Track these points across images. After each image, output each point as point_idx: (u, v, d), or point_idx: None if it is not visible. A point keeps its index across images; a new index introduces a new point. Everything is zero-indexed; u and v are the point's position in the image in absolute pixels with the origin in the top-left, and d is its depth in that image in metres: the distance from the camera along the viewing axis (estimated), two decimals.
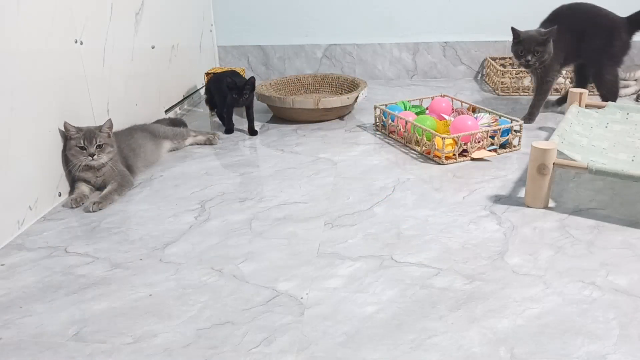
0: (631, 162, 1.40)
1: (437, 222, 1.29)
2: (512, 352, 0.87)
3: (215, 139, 1.88)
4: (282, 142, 1.87)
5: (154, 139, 1.73)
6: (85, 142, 1.42)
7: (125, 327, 0.97)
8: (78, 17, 1.53)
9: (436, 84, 2.59)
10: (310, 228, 1.29)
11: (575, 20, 1.83)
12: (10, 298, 1.06)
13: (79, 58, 1.54)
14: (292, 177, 1.58)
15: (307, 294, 1.04)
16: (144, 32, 1.92)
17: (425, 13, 2.60)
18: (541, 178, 1.31)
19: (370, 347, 0.90)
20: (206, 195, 1.48)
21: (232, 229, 1.30)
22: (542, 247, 1.17)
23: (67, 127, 1.42)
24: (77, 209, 1.42)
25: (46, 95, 1.40)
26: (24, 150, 1.32)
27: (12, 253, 1.22)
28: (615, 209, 1.33)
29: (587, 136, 1.57)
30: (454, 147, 1.63)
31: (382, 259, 1.15)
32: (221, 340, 0.92)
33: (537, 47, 1.76)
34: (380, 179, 1.55)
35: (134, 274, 1.12)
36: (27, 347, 0.92)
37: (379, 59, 2.68)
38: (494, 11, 2.55)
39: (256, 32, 2.70)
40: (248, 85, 1.89)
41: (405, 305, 1.00)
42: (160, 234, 1.28)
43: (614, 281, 1.05)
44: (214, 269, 1.14)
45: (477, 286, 1.04)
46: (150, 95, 1.99)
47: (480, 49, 2.62)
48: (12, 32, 1.27)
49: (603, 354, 0.86)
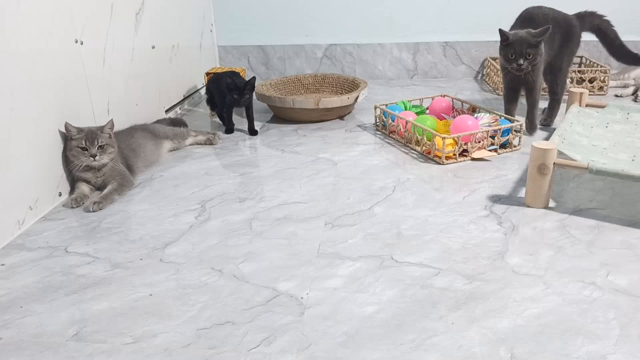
0: (631, 162, 1.40)
1: (437, 222, 1.29)
2: (512, 352, 0.87)
3: (215, 139, 1.88)
4: (282, 142, 1.87)
5: (154, 138, 1.73)
6: (86, 142, 1.42)
7: (125, 327, 0.97)
8: (78, 17, 1.53)
9: (436, 83, 2.59)
10: (310, 228, 1.29)
11: (545, 23, 1.78)
12: (11, 298, 1.06)
13: (79, 58, 1.54)
14: (292, 177, 1.58)
15: (307, 294, 1.04)
16: (144, 32, 1.92)
17: (425, 13, 2.60)
18: (541, 178, 1.31)
19: (370, 347, 0.90)
20: (206, 195, 1.48)
21: (232, 229, 1.30)
22: (542, 247, 1.17)
23: (68, 127, 1.42)
24: (78, 209, 1.42)
25: (46, 95, 1.40)
26: (24, 150, 1.32)
27: (13, 253, 1.22)
28: (616, 209, 1.33)
29: (587, 136, 1.57)
30: (454, 147, 1.63)
31: (382, 259, 1.15)
32: (221, 340, 0.92)
33: (529, 49, 1.67)
34: (381, 179, 1.55)
35: (134, 274, 1.12)
36: (27, 347, 0.92)
37: (379, 59, 2.68)
38: (494, 11, 2.55)
39: (256, 32, 2.70)
40: (248, 85, 1.89)
41: (405, 305, 1.00)
42: (160, 234, 1.28)
43: (614, 281, 1.05)
44: (214, 269, 1.14)
45: (477, 286, 1.04)
46: (150, 95, 1.99)
47: (481, 49, 2.62)
48: (12, 32, 1.27)
49: (603, 354, 0.86)
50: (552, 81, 1.90)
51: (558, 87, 1.90)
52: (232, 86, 1.87)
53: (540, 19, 1.79)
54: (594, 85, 2.30)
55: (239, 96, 1.88)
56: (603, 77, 2.29)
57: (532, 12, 1.83)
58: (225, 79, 1.90)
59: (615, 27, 1.92)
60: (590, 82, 2.31)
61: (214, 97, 2.09)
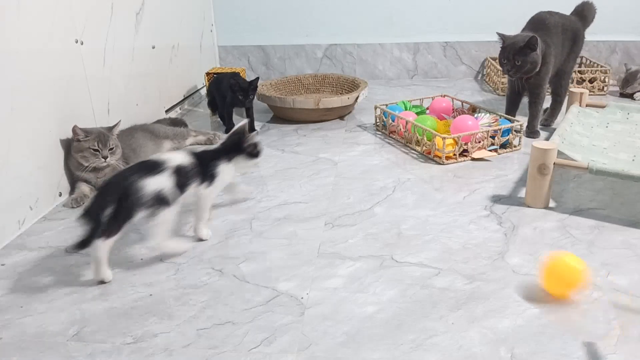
0: (632, 162, 1.39)
1: (437, 222, 1.29)
2: (512, 352, 0.87)
3: (215, 138, 1.88)
4: (283, 142, 1.87)
5: (154, 138, 1.73)
6: (99, 144, 1.43)
7: (126, 327, 0.97)
8: (78, 17, 1.53)
9: (437, 83, 2.59)
10: (310, 228, 1.29)
11: (556, 29, 1.78)
12: (11, 298, 1.06)
13: (79, 58, 1.54)
14: (292, 177, 1.58)
15: (307, 294, 1.04)
16: (144, 32, 1.92)
17: (425, 13, 2.60)
18: (542, 178, 1.31)
19: (371, 347, 0.90)
20: None
21: (233, 228, 1.30)
22: (543, 247, 1.17)
23: (75, 130, 1.41)
24: (78, 209, 1.42)
25: (46, 95, 1.40)
26: (24, 150, 1.32)
27: (13, 253, 1.22)
28: (616, 209, 1.33)
29: (587, 136, 1.57)
30: (455, 147, 1.63)
31: (382, 259, 1.15)
32: (221, 340, 0.92)
33: (517, 56, 1.62)
34: (381, 179, 1.55)
35: (134, 274, 1.12)
36: (27, 347, 0.92)
37: (380, 59, 2.68)
38: (494, 11, 2.55)
39: (256, 32, 2.69)
40: (252, 86, 1.90)
41: (405, 305, 1.00)
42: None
43: (614, 281, 1.05)
44: (214, 268, 1.14)
45: (477, 286, 1.04)
46: (150, 95, 1.99)
47: (481, 49, 2.62)
48: (12, 32, 1.27)
49: (603, 354, 0.86)
50: (556, 83, 1.90)
51: (562, 89, 1.90)
52: (236, 87, 1.87)
53: (551, 24, 1.77)
54: (594, 85, 2.30)
55: (244, 97, 1.89)
56: (603, 77, 2.29)
57: (543, 18, 1.80)
58: (229, 80, 1.90)
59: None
60: (590, 82, 2.31)
61: (214, 98, 2.10)
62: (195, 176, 1.17)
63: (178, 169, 1.13)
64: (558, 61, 1.80)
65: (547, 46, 1.71)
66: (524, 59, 1.64)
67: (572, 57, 1.87)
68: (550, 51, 1.72)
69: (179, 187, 1.12)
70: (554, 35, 1.75)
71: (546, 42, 1.71)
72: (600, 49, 2.53)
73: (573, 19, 1.85)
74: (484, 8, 2.56)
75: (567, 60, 1.86)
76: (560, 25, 1.78)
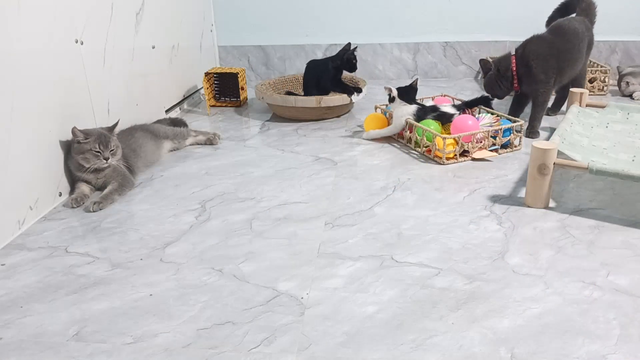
0: (631, 162, 1.39)
1: (437, 222, 1.29)
2: (512, 352, 0.87)
3: (215, 138, 1.88)
4: (283, 142, 1.87)
5: (154, 138, 1.73)
6: (100, 146, 1.43)
7: (126, 327, 0.97)
8: (78, 17, 1.53)
9: (437, 83, 2.59)
10: (310, 228, 1.29)
11: (575, 37, 1.81)
12: (11, 298, 1.06)
13: (79, 58, 1.54)
14: (292, 177, 1.58)
15: (307, 294, 1.04)
16: (144, 32, 1.92)
17: (425, 13, 2.60)
18: (542, 178, 1.31)
19: (371, 347, 0.90)
20: (206, 195, 1.48)
21: (233, 229, 1.30)
22: (543, 247, 1.17)
23: (75, 132, 1.41)
24: (78, 209, 1.42)
25: (46, 95, 1.40)
26: (24, 150, 1.32)
27: (13, 253, 1.22)
28: (616, 209, 1.33)
29: (587, 136, 1.57)
30: (455, 147, 1.63)
31: (382, 259, 1.15)
32: (221, 340, 0.92)
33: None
34: (381, 178, 1.55)
35: (134, 274, 1.12)
36: (27, 347, 0.92)
37: (380, 59, 2.68)
38: (494, 11, 2.55)
39: (256, 32, 2.70)
40: (350, 52, 2.10)
41: (405, 305, 1.00)
42: (160, 234, 1.28)
43: (614, 281, 1.05)
44: (214, 268, 1.14)
45: (477, 286, 1.04)
46: (150, 95, 1.99)
47: (481, 49, 2.62)
48: (12, 32, 1.27)
49: (603, 354, 0.86)
50: (576, 80, 1.95)
51: (582, 81, 1.97)
52: (352, 56, 2.10)
53: (571, 32, 1.80)
54: (594, 85, 2.30)
55: (349, 62, 2.10)
56: (603, 77, 2.29)
57: (562, 25, 1.82)
58: (329, 62, 2.12)
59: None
60: (590, 82, 2.31)
61: (309, 85, 2.19)
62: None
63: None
64: (577, 66, 1.86)
65: (543, 59, 1.75)
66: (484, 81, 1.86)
67: (587, 57, 1.93)
68: (552, 62, 1.77)
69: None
70: (569, 42, 1.79)
71: (544, 53, 1.76)
72: (601, 49, 2.53)
73: (587, 24, 1.88)
74: (484, 8, 2.56)
75: (584, 62, 1.92)
76: (580, 33, 1.82)
